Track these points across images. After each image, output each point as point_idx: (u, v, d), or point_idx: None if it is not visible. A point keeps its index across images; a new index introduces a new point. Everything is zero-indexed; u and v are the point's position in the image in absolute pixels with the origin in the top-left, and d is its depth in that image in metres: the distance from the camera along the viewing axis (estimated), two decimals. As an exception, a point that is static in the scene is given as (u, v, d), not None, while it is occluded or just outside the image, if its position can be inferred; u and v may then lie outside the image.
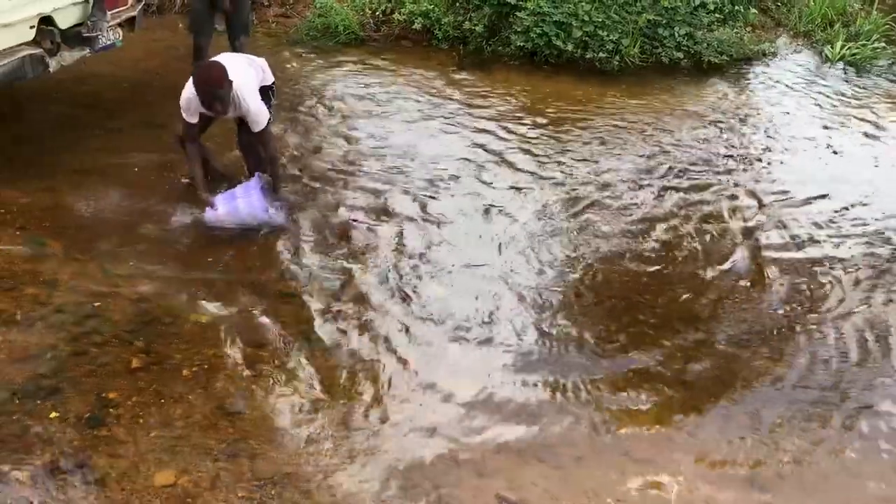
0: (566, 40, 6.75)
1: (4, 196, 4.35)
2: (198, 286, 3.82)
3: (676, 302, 4.06)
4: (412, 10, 7.23)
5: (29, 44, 4.38)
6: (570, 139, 5.69)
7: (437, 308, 3.84)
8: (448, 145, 5.48)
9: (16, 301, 3.59)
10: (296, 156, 5.15)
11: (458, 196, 4.84)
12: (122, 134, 5.16)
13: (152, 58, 6.39)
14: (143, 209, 4.39)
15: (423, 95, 6.24)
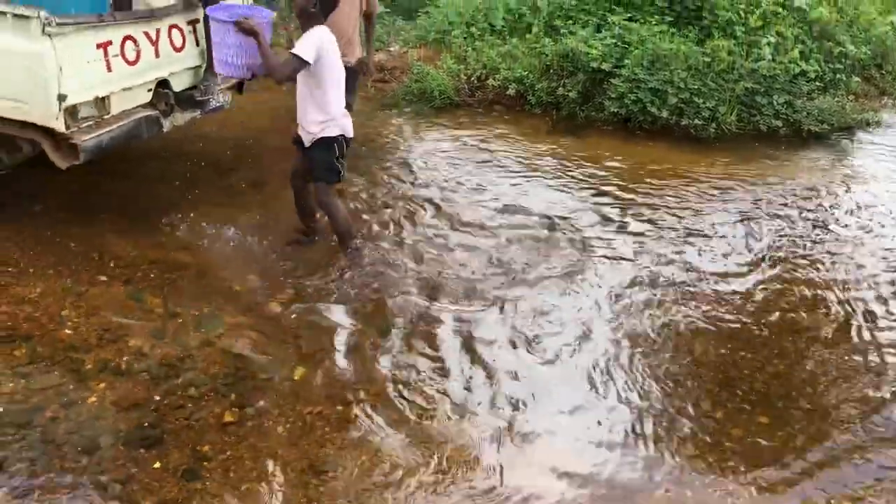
0: (661, 107, 6.74)
1: (114, 248, 4.58)
2: (292, 344, 3.90)
3: (775, 377, 3.92)
4: (506, 77, 7.36)
5: (146, 105, 4.63)
6: (665, 206, 5.62)
7: (528, 382, 3.80)
8: (539, 208, 5.49)
9: (121, 352, 3.74)
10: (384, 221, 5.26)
11: (548, 263, 4.81)
12: (228, 192, 5.38)
13: (257, 119, 6.67)
14: (244, 267, 4.53)
15: (516, 160, 6.29)
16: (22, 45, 3.88)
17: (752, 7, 7.32)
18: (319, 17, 4.34)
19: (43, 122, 4.06)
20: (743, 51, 7.10)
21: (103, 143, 4.27)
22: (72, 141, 4.14)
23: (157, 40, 4.57)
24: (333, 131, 4.39)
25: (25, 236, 4.61)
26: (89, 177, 4.94)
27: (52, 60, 3.90)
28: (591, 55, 6.96)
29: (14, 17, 3.86)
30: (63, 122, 4.05)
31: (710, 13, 7.28)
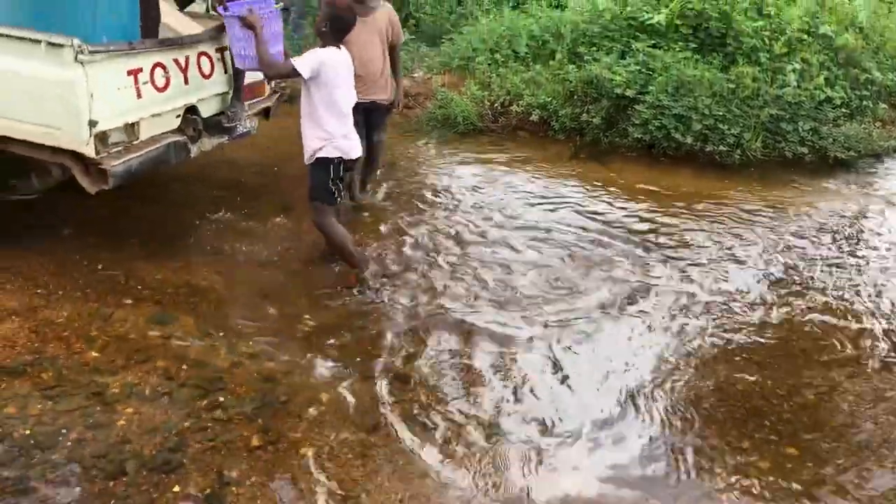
0: (685, 133, 6.72)
1: (143, 272, 4.62)
2: (319, 367, 3.91)
3: (804, 407, 3.86)
4: (530, 102, 7.39)
5: (174, 131, 4.69)
6: (690, 233, 5.58)
7: (557, 406, 3.77)
8: (568, 234, 5.48)
9: (147, 374, 3.76)
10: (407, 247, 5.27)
11: (579, 287, 4.79)
12: (253, 216, 5.42)
13: (282, 144, 6.71)
14: (271, 290, 4.56)
15: (542, 185, 6.29)
16: (55, 73, 3.96)
17: (777, 34, 7.31)
18: (331, 38, 4.41)
19: (74, 148, 4.12)
20: (768, 77, 7.08)
21: (132, 168, 4.32)
22: (101, 166, 4.19)
23: (187, 67, 4.63)
24: (330, 153, 4.43)
25: (54, 259, 4.67)
26: (118, 201, 5.00)
27: (83, 87, 3.97)
28: (616, 81, 6.97)
29: (48, 44, 3.93)
30: (93, 148, 4.11)
31: (734, 40, 7.27)
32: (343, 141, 4.43)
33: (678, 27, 7.41)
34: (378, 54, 5.27)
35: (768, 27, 7.32)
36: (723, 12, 7.30)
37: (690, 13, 7.37)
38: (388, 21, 5.32)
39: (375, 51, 5.25)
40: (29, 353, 3.86)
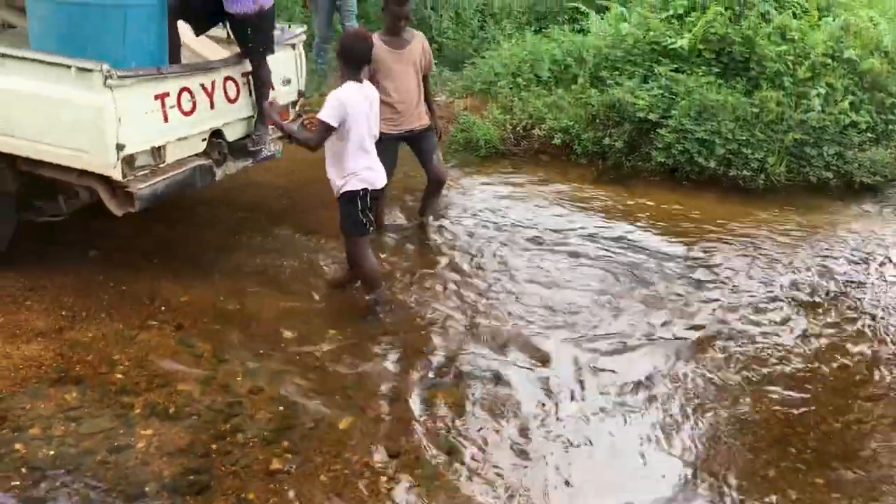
0: (709, 157, 6.69)
1: (166, 294, 4.66)
2: (339, 392, 3.91)
3: (831, 435, 3.81)
4: (552, 126, 7.38)
5: (200, 155, 4.73)
6: (714, 259, 5.53)
7: (580, 429, 3.75)
8: (599, 258, 5.46)
9: (169, 397, 3.78)
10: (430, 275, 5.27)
11: (599, 322, 4.73)
12: (277, 239, 5.46)
13: (305, 168, 6.73)
14: (292, 313, 4.58)
15: (566, 209, 6.27)
16: (84, 97, 4.02)
17: (801, 58, 7.26)
18: (347, 72, 4.41)
19: (101, 171, 4.18)
20: (792, 102, 7.04)
21: (158, 191, 4.37)
22: (128, 189, 4.24)
23: (213, 92, 4.69)
24: (355, 185, 4.43)
25: (80, 281, 4.72)
26: (143, 223, 5.05)
27: (111, 111, 4.03)
28: (638, 105, 6.96)
29: (77, 69, 4.00)
30: (120, 171, 4.16)
31: (757, 64, 7.24)
32: (367, 173, 4.44)
33: (701, 52, 7.38)
34: (414, 86, 5.33)
35: (792, 52, 7.27)
36: (746, 37, 7.27)
37: (713, 38, 7.35)
38: (422, 51, 5.37)
39: (412, 82, 5.31)
40: (54, 373, 3.91)
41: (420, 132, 5.46)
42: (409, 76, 5.29)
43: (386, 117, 5.14)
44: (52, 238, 4.99)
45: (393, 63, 5.21)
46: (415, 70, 5.32)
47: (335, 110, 4.29)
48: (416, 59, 5.32)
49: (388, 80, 5.20)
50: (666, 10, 7.89)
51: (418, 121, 5.42)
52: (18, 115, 4.18)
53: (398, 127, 5.32)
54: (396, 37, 5.25)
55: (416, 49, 5.32)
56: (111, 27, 4.32)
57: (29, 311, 4.41)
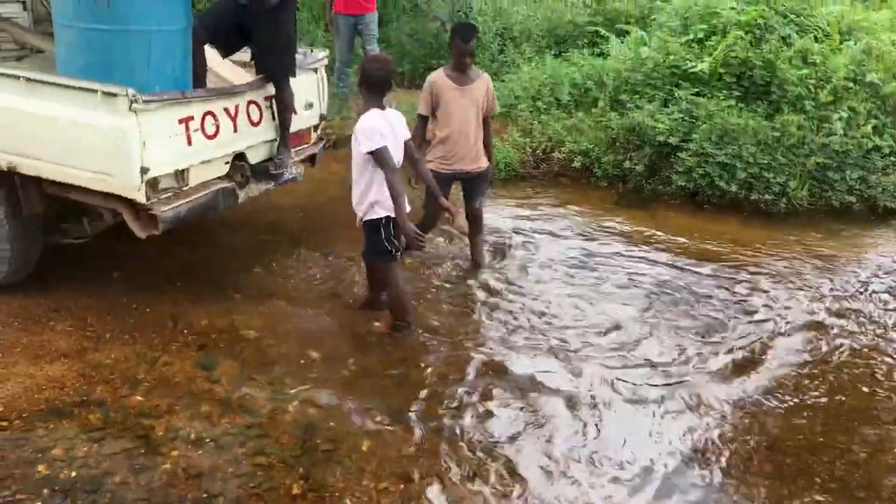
0: (730, 181, 6.67)
1: (189, 315, 4.68)
2: (359, 415, 3.90)
3: (856, 465, 3.75)
4: (572, 149, 7.40)
5: (223, 178, 4.77)
6: (738, 284, 5.49)
7: (603, 452, 3.72)
8: (611, 281, 5.44)
9: (191, 419, 3.79)
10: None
11: (631, 345, 4.70)
12: (299, 261, 5.48)
13: (326, 189, 6.81)
14: (314, 334, 4.59)
15: (585, 232, 6.26)
16: (109, 121, 4.07)
17: (823, 82, 7.25)
18: (370, 97, 4.39)
19: (125, 194, 4.22)
20: (813, 126, 7.01)
21: (181, 214, 4.41)
22: (152, 212, 4.28)
23: (236, 115, 4.74)
24: (378, 213, 4.42)
25: (104, 302, 4.76)
26: (166, 245, 5.09)
27: (136, 135, 4.07)
28: (659, 129, 6.97)
29: (103, 94, 4.05)
30: (144, 194, 4.20)
31: (779, 88, 7.23)
32: (390, 201, 4.40)
33: (721, 76, 7.38)
34: (474, 127, 5.18)
35: (813, 75, 7.26)
36: (767, 61, 7.27)
37: (734, 61, 7.35)
38: (486, 91, 5.23)
39: (471, 122, 5.16)
40: (77, 394, 3.93)
41: (475, 174, 5.32)
42: (470, 115, 5.15)
43: (439, 155, 5.11)
44: (76, 259, 5.04)
45: (454, 99, 5.11)
46: (476, 109, 5.18)
47: (373, 136, 4.25)
48: (478, 99, 5.18)
49: (447, 116, 5.12)
50: (686, 35, 7.92)
51: (473, 163, 5.25)
52: (45, 138, 4.24)
53: (451, 166, 5.20)
54: (461, 73, 5.14)
55: (479, 88, 5.19)
56: (136, 52, 4.39)
57: (53, 332, 4.45)
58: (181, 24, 4.56)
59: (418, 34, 10.23)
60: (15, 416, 3.73)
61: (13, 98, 4.25)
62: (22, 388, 3.94)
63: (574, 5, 10.74)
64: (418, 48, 10.09)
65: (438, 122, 5.13)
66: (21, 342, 4.33)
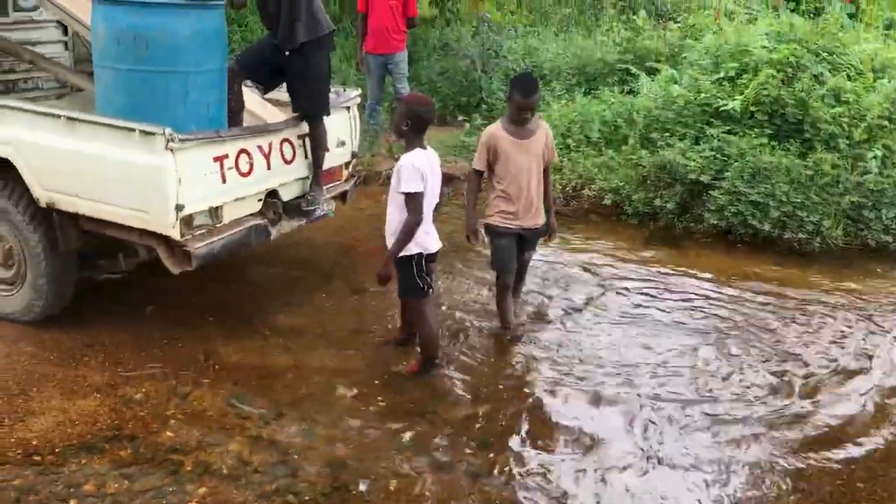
0: (763, 220, 6.61)
1: (220, 351, 4.71)
2: (388, 453, 3.88)
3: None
4: (602, 187, 7.39)
5: (255, 214, 4.83)
6: (774, 324, 5.39)
7: (641, 495, 3.66)
8: (647, 319, 5.38)
9: (221, 455, 3.79)
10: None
11: (656, 392, 4.62)
12: (328, 297, 5.50)
13: (356, 225, 6.86)
14: (344, 371, 4.60)
15: (616, 269, 6.22)
16: (146, 159, 4.14)
17: (857, 120, 7.18)
18: (414, 137, 4.39)
19: (160, 230, 4.28)
20: (848, 164, 6.94)
21: (215, 250, 4.46)
22: (186, 248, 4.34)
23: (270, 153, 4.80)
24: (411, 250, 4.41)
25: (137, 337, 4.81)
26: (198, 280, 5.14)
27: (172, 173, 4.14)
28: (690, 167, 6.93)
29: (141, 132, 4.13)
30: (178, 231, 4.26)
31: (811, 126, 7.17)
32: (423, 237, 4.42)
33: (753, 114, 7.34)
34: (535, 181, 4.89)
35: (847, 114, 7.19)
36: (799, 99, 7.22)
37: (766, 100, 7.31)
38: (546, 141, 4.94)
39: (533, 177, 4.87)
40: (109, 429, 3.96)
41: (534, 230, 5.05)
42: (531, 170, 4.86)
43: (501, 209, 4.90)
44: (111, 294, 5.10)
45: (514, 154, 4.82)
46: (538, 163, 4.89)
47: (415, 178, 4.25)
48: (539, 151, 4.90)
49: (507, 172, 4.84)
50: (717, 73, 7.91)
51: (534, 219, 4.96)
52: (84, 176, 4.32)
53: (513, 222, 4.92)
54: (520, 126, 4.85)
55: (540, 139, 4.91)
56: (173, 92, 4.47)
57: (86, 367, 4.50)
58: (217, 65, 4.64)
59: (448, 72, 10.33)
60: (48, 450, 3.77)
61: (53, 136, 4.35)
62: (55, 422, 3.98)
63: (604, 44, 10.81)
64: (448, 86, 10.18)
65: (497, 177, 4.88)
66: (56, 376, 4.38)
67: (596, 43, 11.02)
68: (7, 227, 4.67)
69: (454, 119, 9.73)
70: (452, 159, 8.33)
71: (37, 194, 4.46)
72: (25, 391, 4.22)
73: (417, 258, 4.43)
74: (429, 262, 4.50)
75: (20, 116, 4.45)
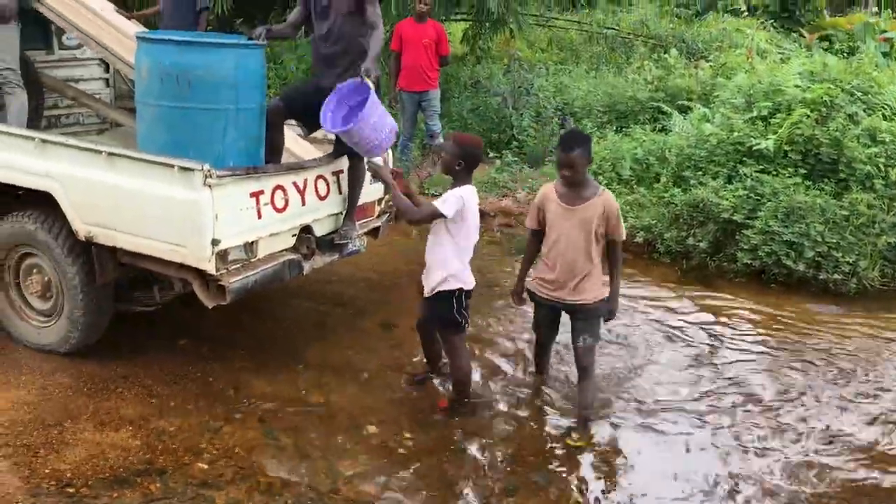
0: (797, 260, 6.54)
1: (251, 386, 4.73)
2: (419, 495, 3.85)
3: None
4: (634, 224, 7.36)
5: (289, 249, 4.86)
6: (807, 367, 5.31)
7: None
8: (677, 360, 5.33)
9: (251, 491, 3.79)
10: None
11: (690, 434, 4.57)
12: (359, 333, 5.51)
13: (388, 261, 6.89)
14: (373, 408, 4.59)
15: (647, 309, 6.18)
16: (184, 194, 4.20)
17: (893, 160, 7.13)
18: (465, 175, 4.41)
19: (196, 265, 4.32)
20: (884, 204, 6.87)
21: (249, 285, 4.49)
22: (220, 282, 4.37)
23: (304, 189, 4.85)
24: (452, 285, 4.42)
25: (169, 370, 4.84)
26: (230, 314, 5.17)
27: (209, 208, 4.19)
28: (723, 206, 6.90)
29: (180, 168, 4.20)
30: (214, 265, 4.29)
31: (846, 166, 7.12)
32: (464, 273, 4.43)
33: (787, 153, 7.32)
34: (581, 255, 4.32)
35: (883, 153, 7.14)
36: (834, 138, 7.18)
37: (800, 139, 7.28)
38: (602, 215, 4.28)
39: (578, 250, 4.31)
40: (140, 462, 3.97)
41: (576, 307, 4.44)
42: (577, 240, 4.31)
43: (541, 276, 4.54)
44: (145, 327, 5.15)
45: (559, 218, 4.36)
46: (586, 235, 4.29)
47: (454, 205, 4.27)
48: (590, 222, 4.28)
49: (549, 237, 4.44)
50: (749, 112, 7.90)
51: (573, 294, 4.38)
52: (123, 210, 4.39)
53: (551, 293, 4.48)
54: (571, 189, 4.36)
55: (593, 210, 4.29)
56: (213, 129, 4.55)
57: (119, 399, 4.53)
58: (256, 104, 4.72)
59: (479, 109, 10.41)
60: (81, 482, 3.79)
61: (95, 171, 4.43)
62: (88, 454, 4.00)
63: (635, 81, 10.84)
64: (479, 122, 10.25)
65: (544, 241, 4.51)
66: (89, 408, 4.41)
67: (627, 81, 11.06)
68: (47, 259, 4.75)
69: (485, 155, 9.78)
70: (483, 195, 8.36)
71: (76, 228, 4.54)
72: (60, 422, 4.26)
73: (458, 293, 4.42)
74: (467, 297, 4.50)
75: (63, 151, 4.54)
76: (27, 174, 4.64)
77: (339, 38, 4.89)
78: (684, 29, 14.80)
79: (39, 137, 4.61)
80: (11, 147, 4.69)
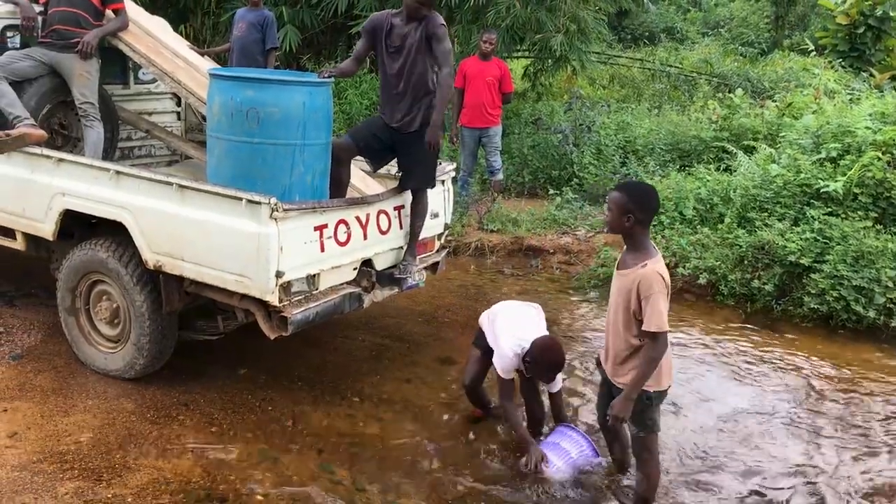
0: (867, 306, 6.34)
1: (308, 416, 4.76)
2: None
3: None
4: (697, 265, 7.24)
5: (349, 282, 4.92)
6: (881, 419, 5.14)
7: None
8: (741, 406, 5.20)
9: (307, 523, 3.81)
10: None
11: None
12: (415, 367, 5.52)
13: (446, 295, 6.90)
14: (429, 443, 4.58)
15: (711, 353, 6.05)
16: (251, 227, 4.28)
17: (968, 205, 6.92)
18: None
19: (260, 296, 4.39)
20: (959, 250, 6.65)
21: (310, 317, 4.55)
22: (283, 314, 4.44)
23: (367, 224, 4.91)
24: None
25: (229, 398, 4.91)
26: (290, 344, 5.23)
27: (275, 241, 4.27)
28: (789, 248, 6.75)
29: (248, 202, 4.29)
30: (277, 297, 4.36)
31: (919, 210, 6.94)
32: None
33: (857, 196, 7.14)
34: (612, 332, 3.84)
35: (957, 198, 6.94)
36: (905, 181, 7.01)
37: (870, 182, 7.11)
38: (635, 288, 3.63)
39: (619, 319, 3.77)
40: (200, 489, 4.02)
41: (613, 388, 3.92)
42: (614, 313, 3.82)
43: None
44: (208, 355, 5.24)
45: (614, 282, 3.86)
46: (624, 306, 3.70)
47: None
48: (626, 297, 3.69)
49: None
50: (817, 153, 7.74)
51: (614, 372, 3.88)
52: (191, 241, 4.50)
53: (603, 362, 4.03)
54: (626, 249, 3.82)
55: (630, 283, 3.66)
56: (281, 163, 4.66)
57: (181, 426, 4.60)
58: (323, 139, 4.82)
59: (541, 146, 10.42)
60: (142, 508, 3.85)
61: (165, 202, 4.55)
62: (150, 479, 4.07)
63: (699, 120, 10.74)
64: (539, 159, 10.25)
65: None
66: (152, 434, 4.49)
67: (690, 119, 10.96)
68: (116, 287, 4.88)
69: (545, 192, 9.78)
70: (542, 232, 8.36)
71: (145, 257, 4.66)
72: (123, 447, 4.34)
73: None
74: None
75: (136, 183, 4.69)
76: (101, 204, 4.79)
77: (409, 77, 4.96)
78: (749, 68, 14.64)
79: (114, 169, 4.76)
80: (88, 178, 4.86)
